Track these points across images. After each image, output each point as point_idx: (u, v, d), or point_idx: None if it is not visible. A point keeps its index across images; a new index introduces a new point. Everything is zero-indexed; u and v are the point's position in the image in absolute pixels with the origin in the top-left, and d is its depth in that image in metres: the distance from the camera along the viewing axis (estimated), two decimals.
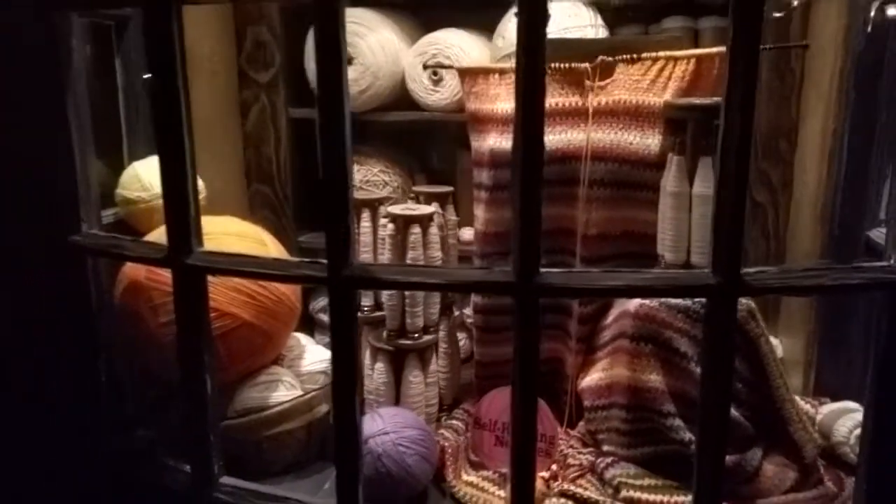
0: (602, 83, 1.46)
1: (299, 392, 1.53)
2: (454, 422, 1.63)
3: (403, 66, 1.91)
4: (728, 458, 1.36)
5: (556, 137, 1.46)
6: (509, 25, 1.84)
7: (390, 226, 1.48)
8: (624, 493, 1.33)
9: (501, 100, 1.51)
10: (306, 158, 2.08)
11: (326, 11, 1.08)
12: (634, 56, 1.44)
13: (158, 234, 1.52)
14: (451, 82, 1.86)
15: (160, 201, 1.53)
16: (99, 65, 1.65)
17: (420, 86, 1.90)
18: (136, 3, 1.42)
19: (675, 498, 1.33)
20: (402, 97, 1.96)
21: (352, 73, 1.89)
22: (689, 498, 1.33)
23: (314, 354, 1.62)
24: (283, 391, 1.52)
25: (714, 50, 1.41)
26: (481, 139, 1.56)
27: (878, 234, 1.42)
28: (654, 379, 1.36)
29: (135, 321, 1.43)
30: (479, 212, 1.58)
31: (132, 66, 1.67)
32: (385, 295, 1.55)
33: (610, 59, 1.44)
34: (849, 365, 1.54)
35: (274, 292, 1.47)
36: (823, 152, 1.52)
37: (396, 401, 1.56)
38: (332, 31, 1.09)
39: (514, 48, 1.55)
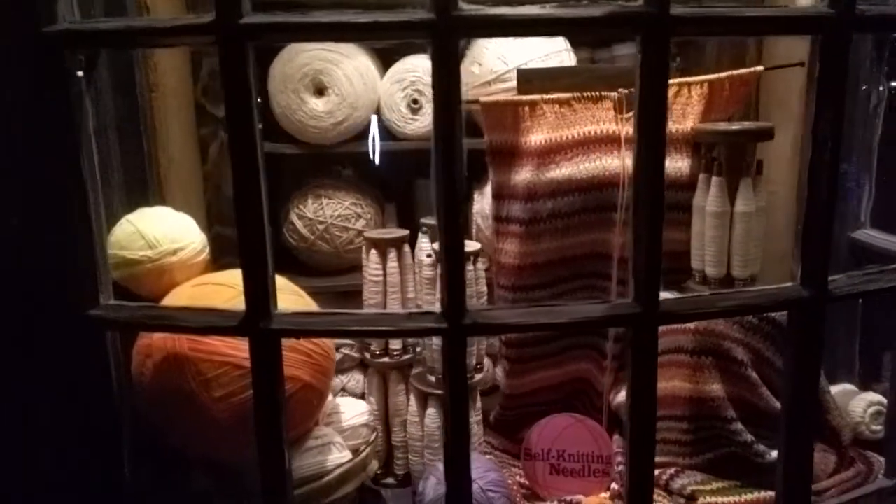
0: (627, 114, 1.51)
1: (348, 452, 1.43)
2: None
3: (379, 94, 1.85)
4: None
5: (591, 165, 1.50)
6: (485, 52, 1.84)
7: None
8: (702, 500, 1.40)
9: (534, 132, 1.51)
10: (272, 196, 1.93)
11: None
12: None
13: (177, 297, 1.35)
14: (431, 110, 1.83)
15: (170, 259, 1.40)
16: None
17: (398, 115, 1.84)
18: (203, 43, 1.24)
19: (744, 497, 1.42)
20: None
21: (325, 105, 1.79)
22: (757, 495, 1.45)
23: (351, 408, 1.51)
24: (336, 453, 1.40)
25: (724, 75, 1.52)
26: (511, 172, 1.55)
27: (863, 235, 1.61)
28: (716, 388, 1.44)
29: (179, 399, 1.25)
30: (511, 245, 1.56)
31: (103, 108, 1.45)
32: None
33: (629, 91, 1.50)
34: (833, 353, 1.73)
35: (324, 347, 1.36)
36: (794, 163, 1.69)
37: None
38: None
39: (493, 75, 1.51)
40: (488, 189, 1.99)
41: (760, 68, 1.49)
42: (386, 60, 1.92)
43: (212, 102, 1.77)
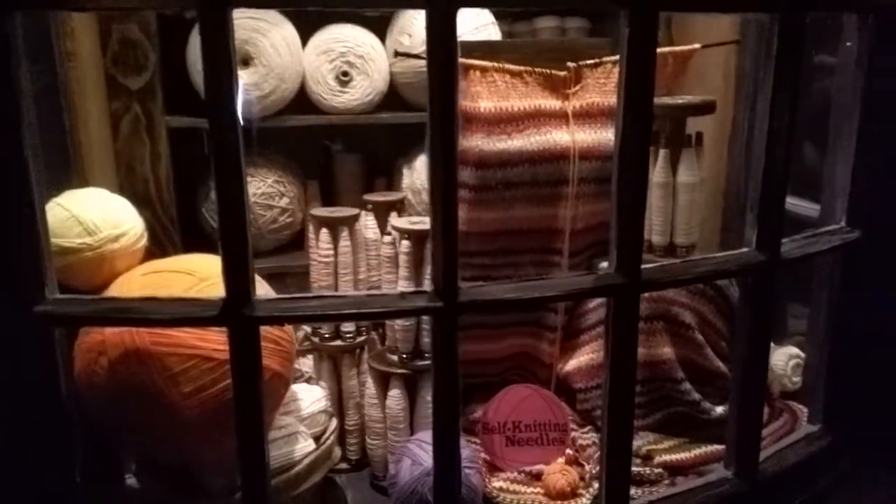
0: (574, 88, 1.53)
1: (312, 441, 1.37)
2: None
3: (304, 66, 1.75)
4: (721, 408, 1.58)
5: (541, 138, 1.50)
6: (415, 22, 1.80)
7: (405, 243, 1.38)
8: (658, 459, 1.47)
9: (484, 98, 1.48)
10: (192, 174, 1.79)
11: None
12: (597, 60, 1.54)
13: (126, 287, 1.23)
14: (363, 83, 1.76)
15: (111, 245, 1.28)
16: None
17: (325, 87, 1.76)
18: (185, 6, 1.11)
19: (694, 452, 1.50)
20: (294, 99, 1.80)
21: (251, 76, 1.68)
22: (705, 449, 1.53)
23: (309, 394, 1.44)
24: (303, 442, 1.34)
25: (666, 49, 1.57)
26: (462, 139, 1.51)
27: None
28: (667, 351, 1.51)
29: (141, 398, 1.14)
30: (461, 212, 1.53)
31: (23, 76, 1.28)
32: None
33: (575, 64, 1.52)
34: None
35: (289, 334, 1.29)
36: (720, 137, 1.79)
37: (411, 425, 1.48)
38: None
39: (424, 46, 1.42)
40: (417, 164, 1.97)
41: (698, 46, 1.56)
42: (303, 30, 1.82)
43: (122, 73, 1.61)
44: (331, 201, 1.99)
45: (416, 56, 1.59)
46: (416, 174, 1.89)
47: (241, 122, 1.72)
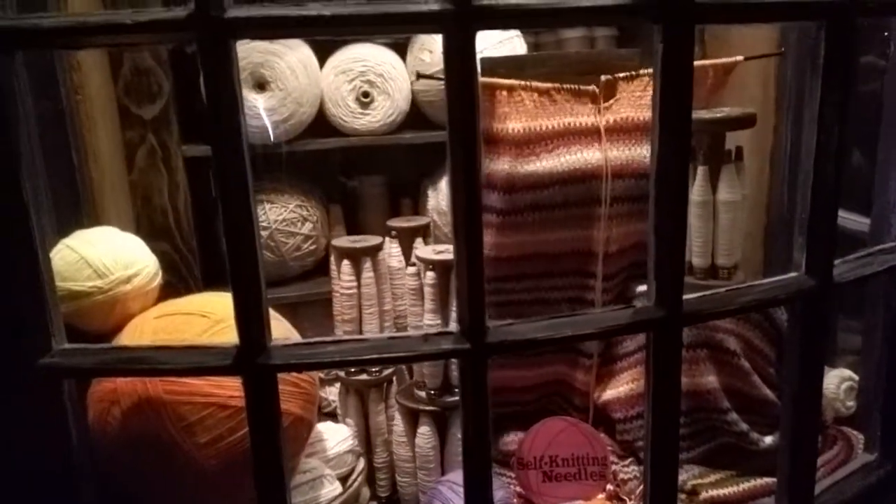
0: (607, 103, 1.45)
1: (338, 484, 1.31)
2: None
3: (323, 88, 1.69)
4: (770, 438, 1.49)
5: (573, 157, 1.42)
6: (436, 39, 1.73)
7: (430, 273, 1.31)
8: (704, 495, 1.38)
9: (512, 119, 1.40)
10: (210, 204, 1.74)
11: None
12: (633, 73, 1.45)
13: (139, 332, 1.18)
14: (385, 103, 1.70)
15: (123, 287, 1.23)
16: None
17: (345, 109, 1.70)
18: (185, 40, 1.05)
19: (742, 486, 1.41)
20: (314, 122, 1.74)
21: (268, 101, 1.63)
22: (754, 482, 1.44)
23: (334, 434, 1.38)
24: (328, 486, 1.28)
25: (708, 62, 1.48)
26: (487, 160, 1.44)
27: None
28: (711, 380, 1.42)
29: (156, 450, 1.09)
30: (487, 237, 1.45)
31: (27, 112, 1.24)
32: None
33: (609, 77, 1.44)
34: None
35: (310, 375, 1.23)
36: (761, 149, 1.70)
37: (442, 464, 1.42)
38: None
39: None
40: (442, 185, 1.90)
41: (741, 58, 1.47)
42: (320, 51, 1.77)
43: (136, 103, 1.56)
44: (355, 224, 1.93)
45: (439, 78, 1.50)
46: (442, 195, 1.82)
47: (271, 142, 1.70)
